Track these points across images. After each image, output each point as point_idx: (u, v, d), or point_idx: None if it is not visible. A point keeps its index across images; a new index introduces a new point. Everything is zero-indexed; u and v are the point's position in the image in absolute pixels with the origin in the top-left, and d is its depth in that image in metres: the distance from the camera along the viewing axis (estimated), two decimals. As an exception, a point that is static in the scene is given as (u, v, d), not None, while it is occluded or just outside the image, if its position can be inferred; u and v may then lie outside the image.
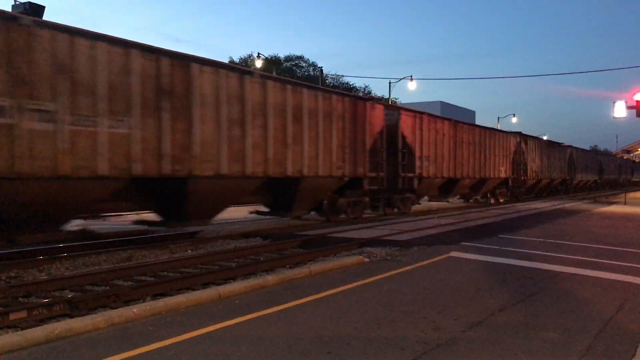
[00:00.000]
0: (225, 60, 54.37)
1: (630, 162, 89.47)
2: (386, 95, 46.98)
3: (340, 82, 59.62)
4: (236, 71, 13.95)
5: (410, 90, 45.05)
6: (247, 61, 52.96)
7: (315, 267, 9.51)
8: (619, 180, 69.04)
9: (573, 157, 46.30)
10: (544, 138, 41.47)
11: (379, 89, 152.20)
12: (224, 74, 13.19)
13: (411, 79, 41.22)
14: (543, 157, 38.03)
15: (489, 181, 29.78)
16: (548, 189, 41.20)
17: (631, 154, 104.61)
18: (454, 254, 11.38)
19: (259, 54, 40.14)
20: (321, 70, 45.54)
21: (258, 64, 39.77)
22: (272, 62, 53.70)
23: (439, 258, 10.92)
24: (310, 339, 5.71)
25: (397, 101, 56.59)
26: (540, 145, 38.28)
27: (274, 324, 6.26)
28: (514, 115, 63.95)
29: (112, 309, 6.96)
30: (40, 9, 10.56)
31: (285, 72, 52.72)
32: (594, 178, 55.87)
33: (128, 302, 7.42)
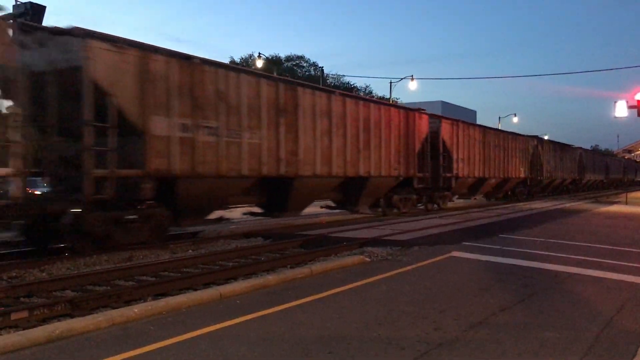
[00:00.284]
0: (226, 60, 54.36)
1: (633, 163, 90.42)
2: (387, 95, 46.96)
3: (341, 82, 59.36)
4: (325, 91, 17.44)
5: (411, 90, 45.02)
6: (248, 61, 52.77)
7: (316, 267, 9.51)
8: (623, 180, 72.12)
9: (582, 158, 49.00)
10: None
11: (379, 89, 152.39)
12: (318, 94, 16.61)
13: (412, 79, 41.19)
14: (556, 159, 41.17)
15: (511, 180, 32.85)
16: (560, 187, 43.86)
17: (632, 154, 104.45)
18: (455, 254, 11.38)
19: (259, 54, 40.22)
20: (322, 70, 45.57)
21: (259, 63, 39.78)
22: (273, 62, 53.61)
23: (440, 258, 10.92)
24: (312, 339, 5.71)
25: (398, 101, 56.50)
26: (554, 147, 41.34)
27: (275, 323, 6.26)
28: (515, 115, 63.89)
29: (113, 308, 6.97)
30: (41, 9, 10.60)
31: (285, 72, 52.59)
32: (600, 178, 58.48)
33: (129, 302, 7.43)
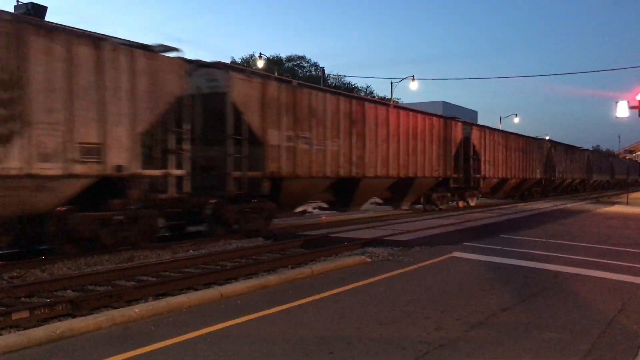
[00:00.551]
0: (227, 60, 54.35)
1: (636, 163, 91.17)
2: (388, 95, 46.94)
3: (342, 82, 59.37)
4: (383, 104, 20.95)
5: (412, 90, 45.02)
6: (249, 61, 52.77)
7: (317, 267, 9.51)
8: (627, 180, 75.21)
9: (590, 160, 52.34)
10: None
11: (380, 89, 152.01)
12: (379, 108, 20.00)
13: (413, 79, 41.06)
14: (567, 160, 44.38)
15: (528, 181, 36.10)
16: (570, 187, 47.48)
17: (634, 154, 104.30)
18: (456, 254, 11.37)
19: (260, 54, 40.22)
20: (323, 70, 45.55)
21: (260, 64, 39.78)
22: (274, 63, 53.64)
23: (441, 258, 10.92)
24: (312, 339, 5.71)
25: (399, 101, 56.52)
26: (565, 150, 44.63)
27: (275, 324, 6.26)
28: (516, 116, 63.81)
29: (114, 308, 6.97)
30: (43, 9, 10.61)
31: (286, 72, 52.61)
32: (606, 178, 61.94)
33: (130, 302, 7.43)
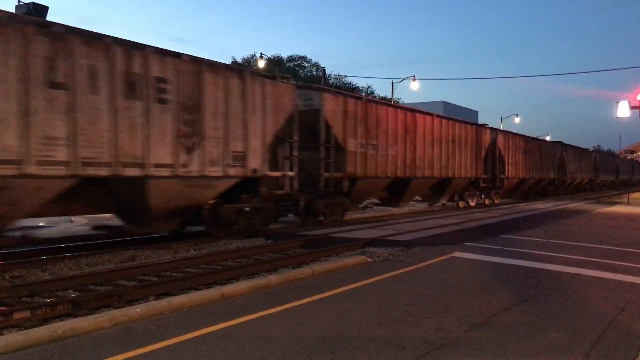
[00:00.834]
0: (227, 61, 54.36)
1: (638, 164, 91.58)
2: (389, 95, 46.90)
3: (343, 83, 59.35)
4: (428, 114, 23.41)
5: (413, 90, 45.03)
6: (250, 61, 52.77)
7: (318, 267, 9.51)
8: (631, 180, 77.82)
9: (597, 161, 55.80)
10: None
11: (381, 89, 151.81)
12: (427, 117, 23.02)
13: (414, 79, 41.03)
14: (576, 161, 47.55)
15: (544, 180, 39.20)
16: (579, 186, 50.83)
17: (635, 154, 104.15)
18: (456, 254, 11.38)
19: (261, 54, 40.22)
20: (324, 70, 45.51)
21: (261, 64, 39.78)
22: (275, 63, 53.64)
23: (441, 258, 10.92)
24: (313, 339, 5.71)
25: (400, 101, 56.49)
26: (575, 151, 47.60)
27: (276, 323, 6.27)
28: (517, 116, 63.69)
29: (115, 308, 6.98)
30: (44, 9, 10.62)
31: (287, 72, 52.57)
32: (612, 178, 65.22)
33: (131, 302, 7.44)
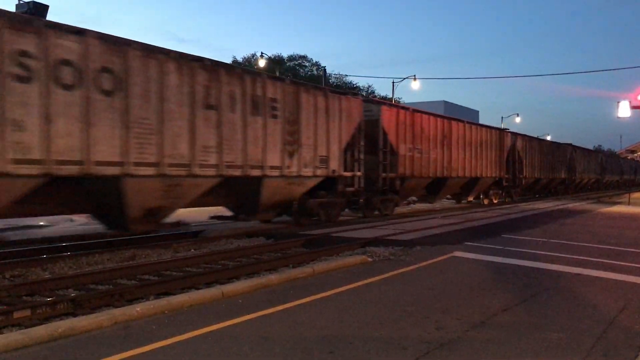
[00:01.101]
0: (228, 60, 54.33)
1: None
2: (389, 95, 46.85)
3: (344, 82, 59.32)
4: (460, 121, 26.20)
5: (413, 90, 45.03)
6: (251, 61, 52.77)
7: (318, 267, 9.51)
8: (635, 180, 79.95)
9: (603, 161, 58.95)
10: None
11: (382, 89, 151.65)
12: (460, 124, 25.82)
13: (414, 79, 41.00)
14: (585, 162, 50.07)
15: (555, 180, 41.98)
16: (587, 185, 53.56)
17: (635, 154, 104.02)
18: (457, 254, 11.37)
19: (262, 53, 40.17)
20: (324, 70, 45.44)
21: (261, 63, 39.77)
22: (276, 62, 53.62)
23: (442, 258, 10.91)
24: (313, 339, 5.71)
25: (401, 101, 56.43)
26: (583, 152, 50.20)
27: (277, 323, 6.27)
28: (518, 115, 63.62)
29: (116, 307, 6.98)
30: (44, 8, 10.60)
31: (288, 72, 52.61)
32: (616, 178, 67.82)
33: (131, 301, 7.44)
